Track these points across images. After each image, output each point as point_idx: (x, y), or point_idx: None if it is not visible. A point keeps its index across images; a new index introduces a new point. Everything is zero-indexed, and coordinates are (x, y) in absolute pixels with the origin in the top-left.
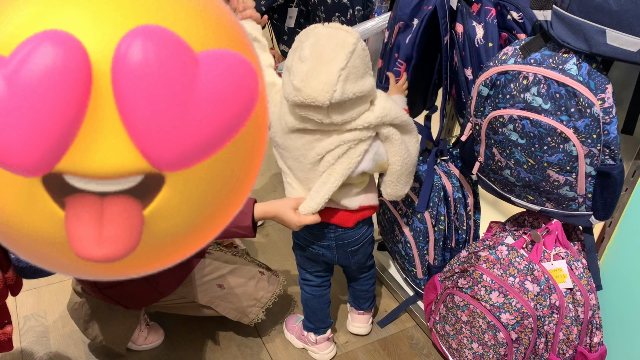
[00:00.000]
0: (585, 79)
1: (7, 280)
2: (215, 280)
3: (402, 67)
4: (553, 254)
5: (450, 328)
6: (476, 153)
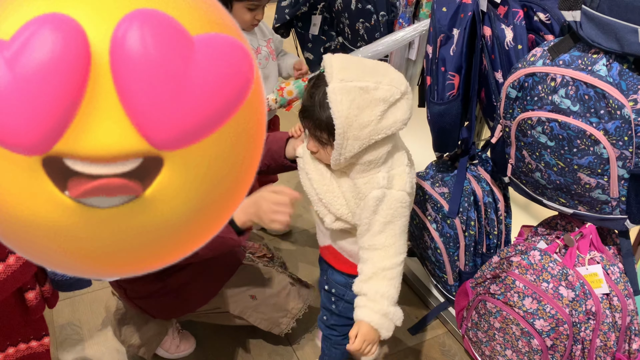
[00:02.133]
0: (616, 79)
1: (44, 293)
2: (247, 291)
3: (455, 78)
4: (588, 258)
5: (483, 335)
6: (507, 155)
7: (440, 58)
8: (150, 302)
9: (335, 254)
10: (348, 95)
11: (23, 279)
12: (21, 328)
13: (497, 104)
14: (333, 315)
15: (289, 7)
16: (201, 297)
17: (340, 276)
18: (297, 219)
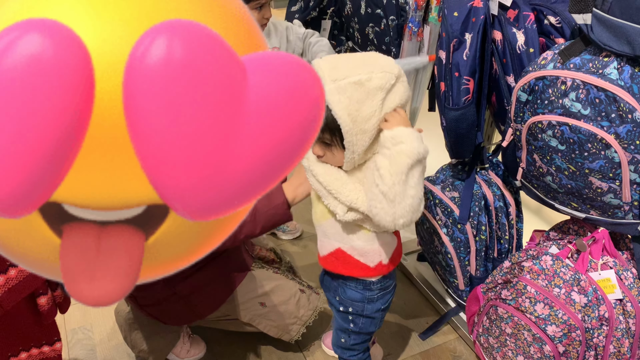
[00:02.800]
0: (627, 83)
1: (55, 298)
2: (257, 298)
3: (470, 83)
4: (600, 263)
5: (495, 340)
6: (518, 159)
7: (453, 63)
8: (161, 310)
9: (345, 258)
10: (344, 93)
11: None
12: (33, 333)
13: (508, 108)
14: (352, 334)
15: (298, 12)
16: (211, 304)
17: (355, 292)
18: (307, 223)
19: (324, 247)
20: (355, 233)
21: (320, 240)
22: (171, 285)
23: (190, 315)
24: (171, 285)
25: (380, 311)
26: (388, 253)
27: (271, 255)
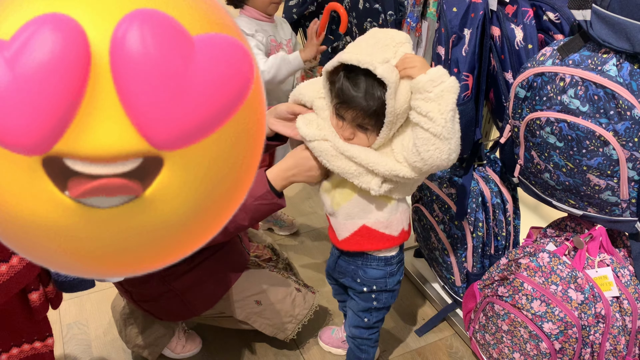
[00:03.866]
0: (626, 79)
1: (47, 294)
2: (253, 296)
3: (469, 79)
4: (597, 261)
5: (491, 337)
6: (516, 156)
7: (452, 59)
8: (156, 306)
9: (370, 234)
10: (391, 75)
11: (26, 280)
12: (25, 329)
13: (506, 104)
14: (374, 312)
15: (296, 6)
16: (206, 301)
17: (377, 270)
18: (304, 219)
19: (346, 229)
20: (380, 206)
21: (340, 223)
22: (166, 282)
23: (184, 311)
24: (166, 282)
25: (399, 282)
26: (408, 218)
27: (268, 253)
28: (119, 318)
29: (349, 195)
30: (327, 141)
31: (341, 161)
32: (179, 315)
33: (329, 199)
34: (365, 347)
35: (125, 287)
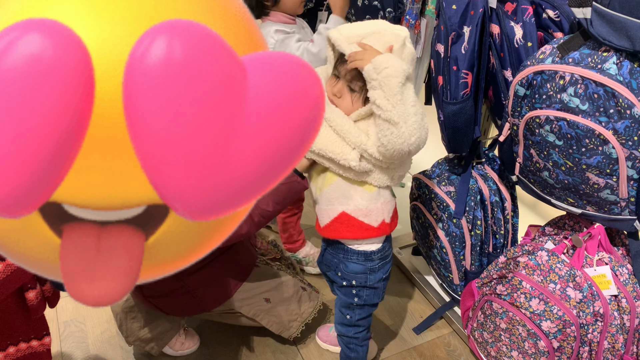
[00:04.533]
0: (626, 78)
1: (44, 292)
2: (262, 294)
3: (469, 77)
4: (596, 259)
5: (489, 335)
6: (515, 154)
7: (452, 57)
8: (166, 301)
9: (349, 221)
10: None
11: (23, 278)
12: (22, 327)
13: (505, 102)
14: (356, 309)
15: None
16: (217, 298)
17: (356, 264)
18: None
19: (327, 215)
20: (359, 193)
21: (322, 209)
22: (179, 278)
23: (194, 307)
24: (179, 278)
25: (382, 281)
26: (389, 211)
27: (273, 251)
28: (120, 311)
29: (330, 180)
30: None
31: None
32: (188, 311)
33: (314, 187)
34: (353, 345)
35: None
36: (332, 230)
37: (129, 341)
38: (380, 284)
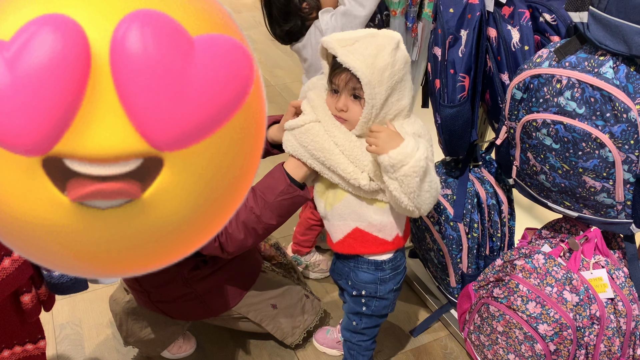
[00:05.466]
0: (622, 82)
1: (40, 296)
2: (269, 300)
3: (466, 80)
4: (592, 262)
5: (486, 338)
6: (512, 157)
7: (449, 60)
8: (174, 306)
9: (363, 237)
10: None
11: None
12: (17, 331)
13: (502, 106)
14: (364, 318)
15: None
16: (224, 303)
17: (367, 274)
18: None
19: (339, 231)
20: (371, 209)
21: (333, 225)
22: (190, 283)
23: (201, 312)
24: (190, 283)
25: (393, 292)
26: (403, 224)
27: (276, 253)
28: (121, 311)
29: (341, 195)
30: (319, 122)
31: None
32: (195, 316)
33: (322, 202)
34: (355, 352)
35: (145, 287)
36: (346, 246)
37: (129, 342)
38: (390, 295)
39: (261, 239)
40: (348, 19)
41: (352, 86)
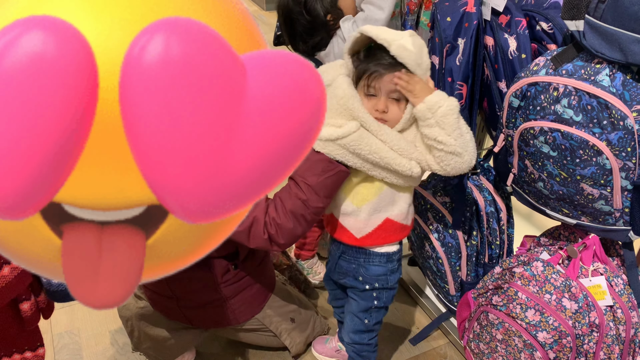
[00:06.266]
0: (619, 90)
1: (39, 303)
2: (289, 313)
3: (464, 88)
4: (591, 269)
5: (485, 346)
6: (509, 165)
7: (446, 69)
8: (201, 313)
9: (393, 226)
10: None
11: (18, 289)
12: (15, 339)
13: (500, 114)
14: (374, 312)
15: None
16: (250, 311)
17: (379, 267)
18: None
19: (370, 224)
20: (403, 197)
21: (362, 220)
22: (219, 289)
23: (227, 319)
24: (219, 289)
25: (397, 281)
26: (413, 208)
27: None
28: (133, 317)
29: (380, 189)
30: (360, 129)
31: (373, 146)
32: (218, 323)
33: (351, 200)
34: (366, 353)
35: (176, 293)
36: (375, 238)
37: (140, 348)
38: (397, 284)
39: (310, 225)
40: (369, 24)
41: (388, 90)
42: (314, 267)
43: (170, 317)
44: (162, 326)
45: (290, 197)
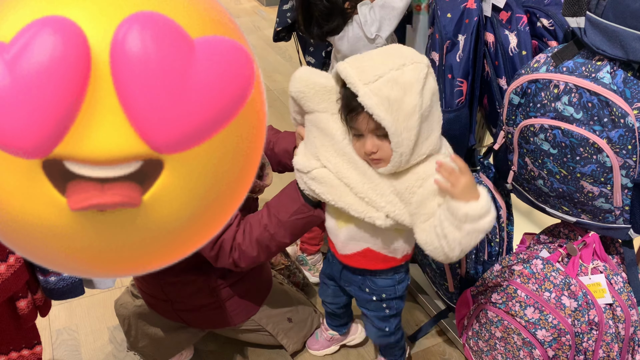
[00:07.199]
0: (620, 87)
1: (35, 301)
2: (286, 313)
3: (464, 85)
4: (591, 267)
5: (484, 344)
6: (509, 162)
7: (447, 65)
8: (196, 315)
9: (374, 256)
10: (379, 94)
11: (14, 287)
12: (13, 336)
13: (500, 111)
14: (391, 319)
15: (290, 10)
16: (246, 312)
17: (386, 280)
18: None
19: (348, 248)
20: (387, 234)
21: (342, 242)
22: (215, 293)
23: (223, 321)
24: (215, 293)
25: (406, 288)
26: (412, 243)
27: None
28: (130, 315)
29: (352, 218)
30: (325, 168)
31: (336, 189)
32: (214, 325)
33: (333, 220)
34: (396, 350)
35: (170, 297)
36: (354, 261)
37: (136, 347)
38: (405, 291)
39: (273, 255)
40: (386, 11)
41: (373, 127)
42: (317, 265)
43: (169, 317)
44: (159, 325)
45: (259, 226)
